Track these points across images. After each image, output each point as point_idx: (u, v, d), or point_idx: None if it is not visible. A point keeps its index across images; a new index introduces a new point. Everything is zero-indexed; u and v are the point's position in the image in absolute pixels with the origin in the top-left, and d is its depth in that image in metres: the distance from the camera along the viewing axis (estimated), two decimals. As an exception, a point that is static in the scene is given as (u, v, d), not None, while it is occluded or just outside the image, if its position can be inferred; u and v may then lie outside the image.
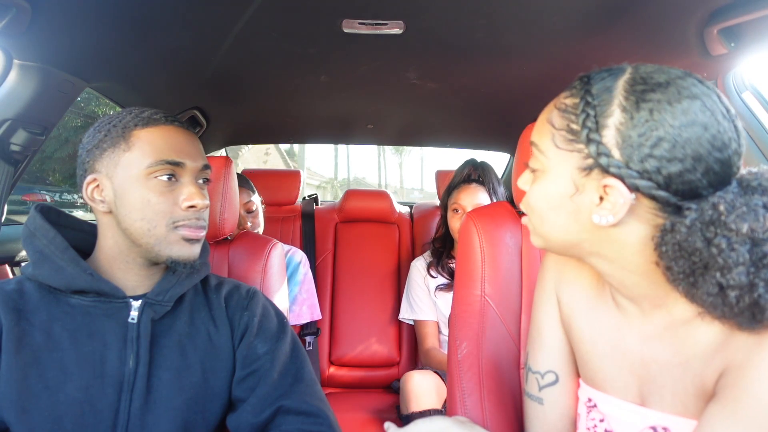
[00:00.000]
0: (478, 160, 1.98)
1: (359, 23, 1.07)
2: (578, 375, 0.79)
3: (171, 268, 0.88)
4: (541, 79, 1.36)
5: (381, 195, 2.43)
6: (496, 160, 2.39)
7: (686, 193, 0.57)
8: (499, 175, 1.98)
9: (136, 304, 0.85)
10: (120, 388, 0.81)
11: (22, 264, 1.39)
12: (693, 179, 0.57)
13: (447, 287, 1.92)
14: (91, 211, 0.91)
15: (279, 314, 0.99)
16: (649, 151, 0.57)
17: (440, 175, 2.47)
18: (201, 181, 0.89)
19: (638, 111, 0.58)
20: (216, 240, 1.19)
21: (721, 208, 0.56)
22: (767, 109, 1.19)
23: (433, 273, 1.97)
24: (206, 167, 0.89)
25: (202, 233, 0.88)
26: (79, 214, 1.01)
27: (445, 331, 1.92)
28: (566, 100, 0.65)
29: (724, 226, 0.55)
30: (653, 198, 0.58)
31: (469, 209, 1.85)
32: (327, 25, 1.09)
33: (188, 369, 0.86)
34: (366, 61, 1.33)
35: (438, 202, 2.32)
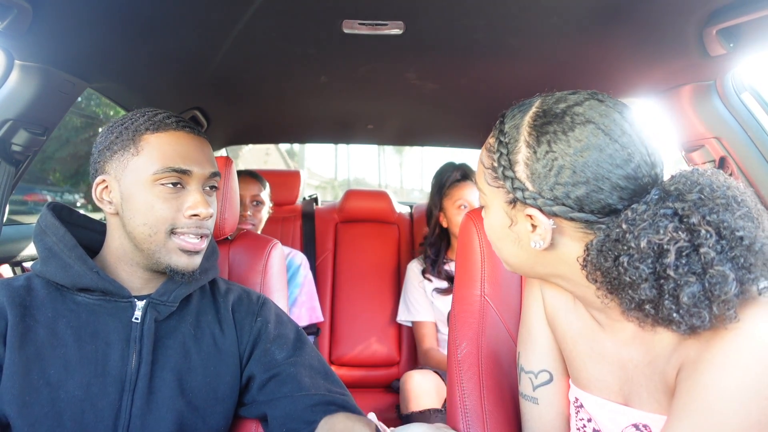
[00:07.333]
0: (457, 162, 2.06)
1: (359, 24, 1.07)
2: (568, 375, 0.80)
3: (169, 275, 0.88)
4: (540, 79, 1.36)
5: (381, 195, 2.44)
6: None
7: (602, 211, 0.61)
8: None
9: (140, 304, 0.86)
10: (122, 388, 0.81)
11: (32, 262, 1.40)
12: (602, 197, 0.60)
13: (445, 291, 1.92)
14: (92, 210, 0.91)
15: (292, 321, 1.00)
16: (555, 180, 0.61)
17: (440, 175, 2.47)
18: (208, 188, 0.89)
19: (539, 145, 0.62)
20: (216, 240, 1.19)
21: (624, 225, 0.58)
22: (766, 110, 1.19)
23: (429, 277, 1.97)
24: (214, 174, 0.88)
25: (203, 244, 0.87)
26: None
27: (443, 329, 1.92)
28: (490, 139, 0.70)
29: (626, 243, 0.58)
30: (573, 220, 0.62)
31: (475, 204, 1.87)
32: (327, 25, 1.09)
33: (191, 371, 0.86)
34: (366, 61, 1.33)
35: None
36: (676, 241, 0.55)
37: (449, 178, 1.99)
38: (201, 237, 0.86)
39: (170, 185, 0.83)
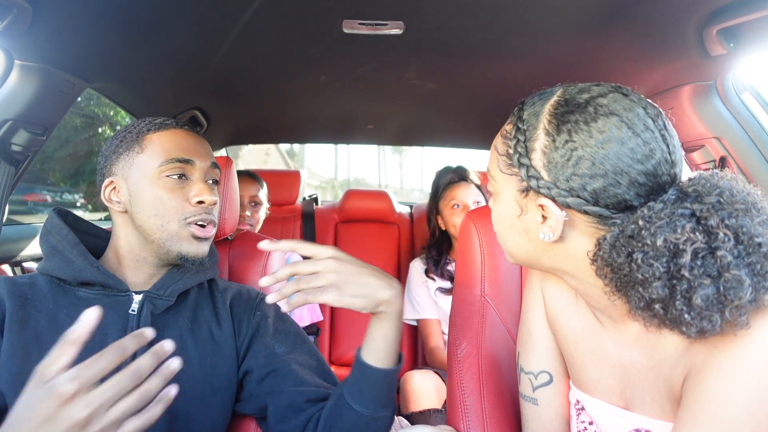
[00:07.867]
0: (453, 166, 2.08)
1: (359, 24, 1.08)
2: (569, 376, 0.80)
3: (178, 265, 0.92)
4: (541, 79, 1.35)
5: (381, 195, 2.44)
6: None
7: (617, 206, 0.59)
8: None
9: (138, 297, 0.89)
10: None
11: (32, 262, 1.42)
12: (619, 192, 0.59)
13: (448, 291, 1.92)
14: (92, 210, 0.93)
15: (291, 319, 1.02)
16: (572, 170, 0.60)
17: (440, 175, 2.47)
18: (210, 181, 0.95)
19: (559, 134, 0.61)
20: (216, 240, 1.19)
21: (640, 222, 0.57)
22: (766, 109, 1.19)
23: (432, 276, 1.97)
24: (215, 165, 0.95)
25: (212, 231, 0.93)
26: (78, 213, 1.04)
27: (446, 329, 1.92)
28: (507, 126, 0.69)
29: (641, 240, 0.56)
30: (586, 213, 0.60)
31: (469, 203, 1.87)
32: (327, 25, 1.09)
33: (187, 363, 0.87)
34: (366, 61, 1.34)
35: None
36: (693, 241, 0.54)
37: (445, 181, 2.00)
38: (208, 224, 0.92)
39: (175, 177, 0.89)
